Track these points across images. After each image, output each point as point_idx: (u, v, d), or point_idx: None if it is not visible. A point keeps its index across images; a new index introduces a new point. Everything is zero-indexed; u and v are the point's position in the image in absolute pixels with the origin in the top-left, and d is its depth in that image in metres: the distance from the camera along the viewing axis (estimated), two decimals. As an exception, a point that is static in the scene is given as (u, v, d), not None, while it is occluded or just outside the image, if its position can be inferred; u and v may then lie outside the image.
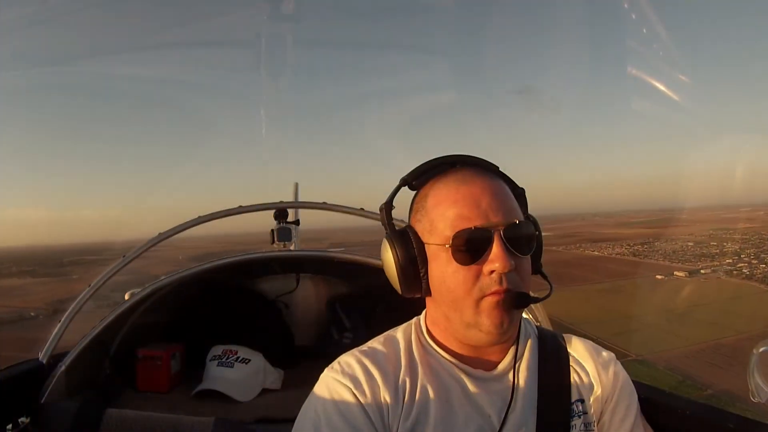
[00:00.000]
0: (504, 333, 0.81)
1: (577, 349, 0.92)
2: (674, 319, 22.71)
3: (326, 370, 0.85)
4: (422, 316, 0.92)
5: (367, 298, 2.26)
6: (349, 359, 0.84)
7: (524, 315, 1.00)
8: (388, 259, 0.85)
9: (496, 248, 0.76)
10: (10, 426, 1.43)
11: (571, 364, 0.89)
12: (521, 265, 0.80)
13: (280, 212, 2.40)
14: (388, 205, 0.88)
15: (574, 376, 0.88)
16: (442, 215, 0.80)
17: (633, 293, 26.57)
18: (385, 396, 0.80)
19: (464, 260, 0.77)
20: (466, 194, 0.80)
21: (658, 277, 28.54)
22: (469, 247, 0.77)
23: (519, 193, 0.88)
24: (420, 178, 0.87)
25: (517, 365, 0.85)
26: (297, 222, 2.57)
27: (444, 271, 0.80)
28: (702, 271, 27.84)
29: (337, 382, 0.81)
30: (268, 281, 2.40)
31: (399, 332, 0.91)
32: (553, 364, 0.88)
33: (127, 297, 1.88)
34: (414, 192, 0.89)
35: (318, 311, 2.43)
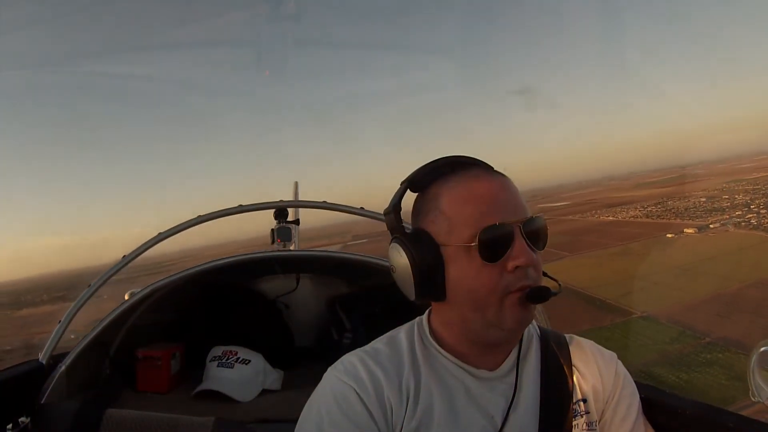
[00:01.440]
0: (522, 329, 0.84)
1: (580, 348, 0.92)
2: (680, 274, 23.07)
3: (329, 370, 0.84)
4: (425, 317, 0.91)
5: (367, 299, 2.26)
6: (352, 359, 0.84)
7: None
8: (403, 263, 0.81)
9: (519, 243, 0.76)
10: (10, 426, 1.44)
11: (573, 363, 0.89)
12: (537, 260, 0.79)
13: (280, 212, 2.39)
14: (397, 207, 0.85)
15: (576, 376, 0.88)
16: (461, 213, 0.78)
17: (642, 254, 26.56)
18: (389, 396, 0.79)
19: (490, 257, 0.76)
20: (484, 191, 0.79)
21: (669, 235, 28.66)
22: (495, 243, 0.76)
23: None
24: (425, 179, 0.85)
25: (520, 365, 0.85)
26: (297, 221, 2.58)
27: (465, 271, 0.78)
28: (711, 226, 27.93)
29: (340, 381, 0.80)
30: (268, 281, 2.41)
31: (402, 333, 0.90)
32: (555, 363, 0.88)
33: (126, 297, 1.89)
34: (415, 194, 0.88)
35: (318, 312, 2.43)
